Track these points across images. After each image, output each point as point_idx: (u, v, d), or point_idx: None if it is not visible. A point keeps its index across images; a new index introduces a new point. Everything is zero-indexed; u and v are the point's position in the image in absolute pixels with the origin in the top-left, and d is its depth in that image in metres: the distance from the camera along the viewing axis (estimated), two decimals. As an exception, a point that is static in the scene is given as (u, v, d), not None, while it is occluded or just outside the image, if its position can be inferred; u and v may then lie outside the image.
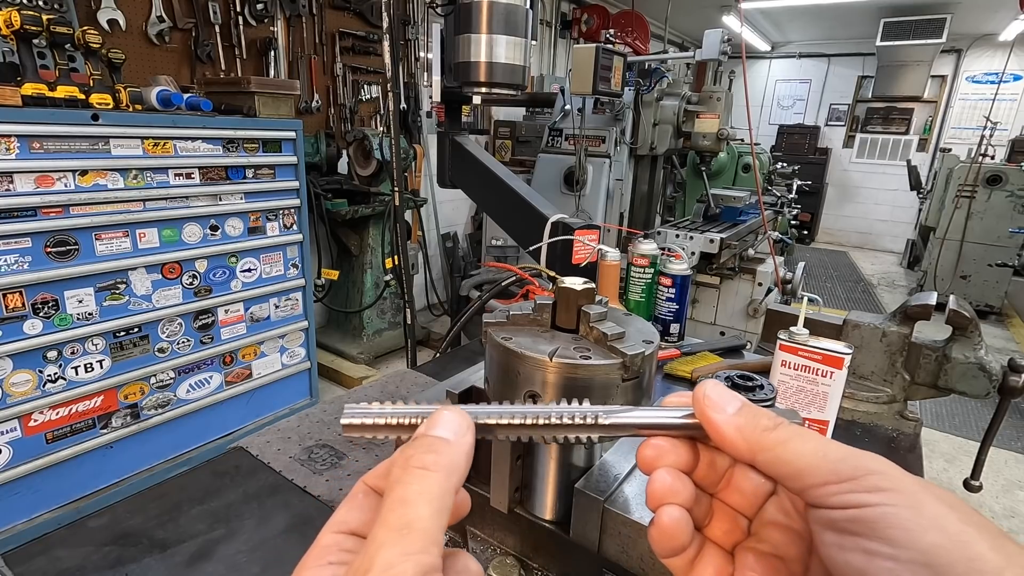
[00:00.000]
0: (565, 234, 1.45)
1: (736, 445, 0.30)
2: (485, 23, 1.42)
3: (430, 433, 0.29)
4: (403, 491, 0.26)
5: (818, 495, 0.27)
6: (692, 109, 3.32)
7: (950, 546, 0.23)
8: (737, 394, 0.31)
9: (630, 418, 0.32)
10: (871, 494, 0.25)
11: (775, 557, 0.31)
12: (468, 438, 0.29)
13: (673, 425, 0.32)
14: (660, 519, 0.31)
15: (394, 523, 0.24)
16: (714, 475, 0.33)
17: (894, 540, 0.24)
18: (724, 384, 0.32)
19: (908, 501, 0.24)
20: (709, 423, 0.30)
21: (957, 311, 0.99)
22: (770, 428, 0.29)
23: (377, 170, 3.49)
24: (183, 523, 0.77)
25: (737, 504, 0.33)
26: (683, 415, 0.32)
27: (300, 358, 2.85)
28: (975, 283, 5.64)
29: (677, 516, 0.31)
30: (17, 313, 1.88)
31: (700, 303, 2.99)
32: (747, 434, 0.29)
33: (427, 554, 0.23)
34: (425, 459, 0.27)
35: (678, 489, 0.31)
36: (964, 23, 7.08)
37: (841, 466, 0.26)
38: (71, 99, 1.94)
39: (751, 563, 0.31)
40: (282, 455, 0.93)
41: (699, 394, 0.31)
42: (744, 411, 0.30)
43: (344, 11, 3.86)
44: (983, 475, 1.03)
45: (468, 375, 0.80)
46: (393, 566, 0.23)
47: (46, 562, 0.70)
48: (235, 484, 0.86)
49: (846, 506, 0.25)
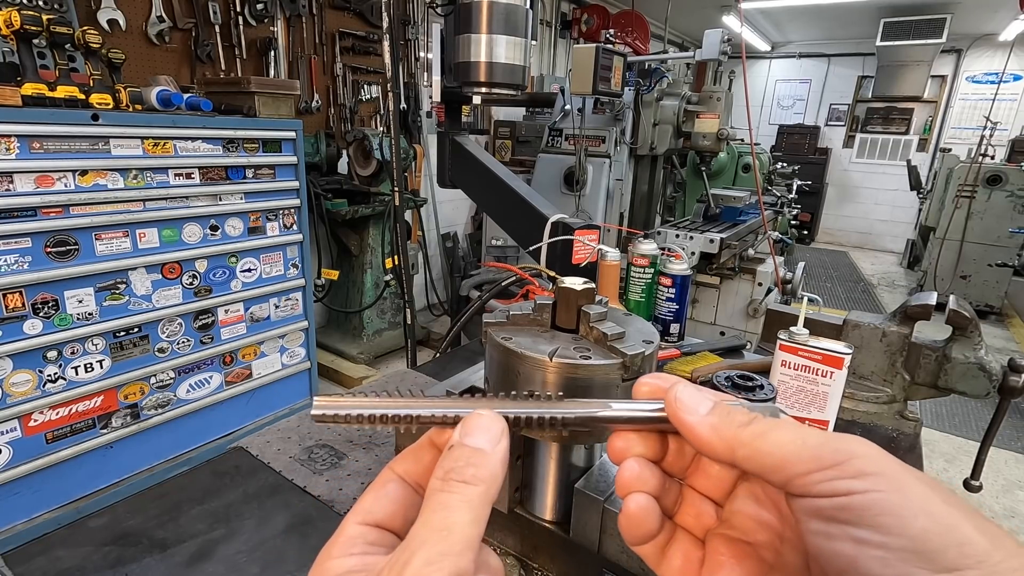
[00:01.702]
0: (565, 234, 1.45)
1: (713, 445, 0.29)
2: (485, 23, 1.42)
3: (466, 443, 0.29)
4: (446, 498, 0.27)
5: (802, 484, 0.26)
6: (692, 109, 3.32)
7: (939, 531, 0.23)
8: (709, 393, 0.31)
9: (595, 412, 0.33)
10: (857, 480, 0.25)
11: (745, 543, 0.31)
12: (504, 444, 0.29)
13: (643, 419, 0.32)
14: (628, 507, 0.32)
15: (436, 524, 0.25)
16: (682, 461, 0.33)
17: (884, 527, 0.23)
18: (697, 385, 0.32)
19: (894, 486, 0.24)
20: (683, 425, 0.30)
21: (957, 311, 0.99)
22: (745, 423, 0.29)
23: (377, 170, 3.49)
24: (183, 523, 0.77)
25: (706, 488, 0.33)
26: (653, 408, 0.32)
27: (300, 358, 2.85)
28: (975, 283, 5.64)
29: (644, 504, 0.32)
30: (17, 313, 1.88)
31: (700, 303, 2.99)
32: (723, 432, 0.29)
33: (463, 557, 0.24)
34: (465, 473, 0.28)
35: (646, 478, 0.32)
36: (964, 23, 7.08)
37: (822, 451, 0.26)
38: (71, 99, 1.94)
39: (721, 548, 0.31)
40: (282, 455, 0.93)
41: (670, 398, 0.31)
42: (717, 410, 0.30)
43: (344, 11, 3.86)
44: (983, 475, 1.03)
45: (468, 375, 0.80)
46: (431, 563, 0.24)
47: (46, 562, 0.70)
48: (235, 484, 0.86)
49: (833, 494, 0.25)
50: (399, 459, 0.32)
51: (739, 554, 0.31)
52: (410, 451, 0.32)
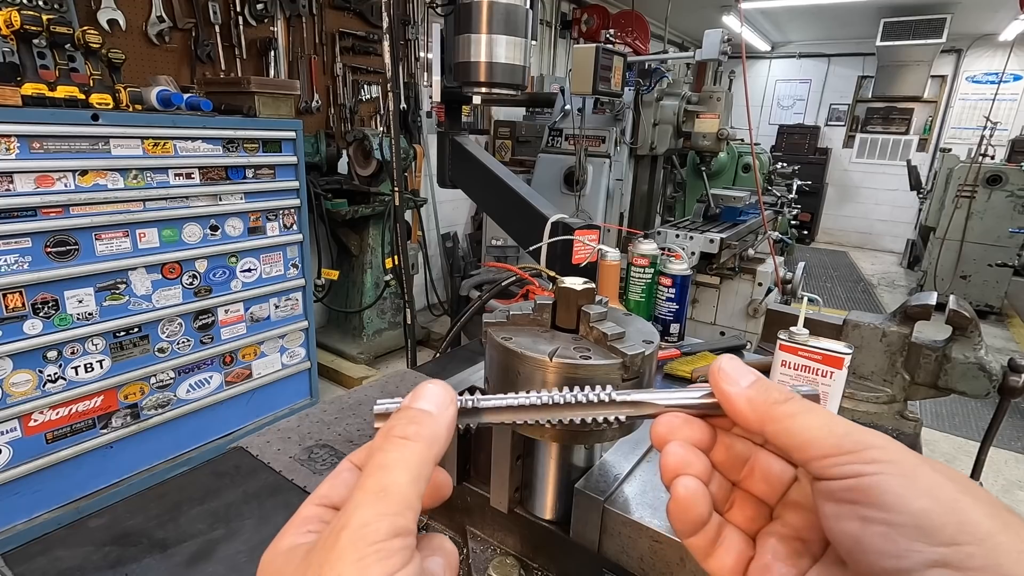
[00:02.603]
0: (565, 234, 1.45)
1: (746, 416, 0.30)
2: (485, 23, 1.42)
3: (413, 405, 0.29)
4: (383, 458, 0.26)
5: (820, 467, 0.27)
6: (692, 109, 3.32)
7: (941, 510, 0.24)
8: (753, 370, 0.32)
9: (643, 396, 0.33)
10: (869, 465, 0.26)
11: (797, 539, 0.31)
12: (451, 411, 0.30)
13: (685, 404, 0.33)
14: (676, 490, 0.30)
15: (372, 487, 0.25)
16: (733, 460, 0.33)
17: (887, 505, 0.24)
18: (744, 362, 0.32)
19: (902, 471, 0.25)
20: (722, 394, 0.31)
21: (957, 311, 0.99)
22: (780, 401, 0.30)
23: (377, 170, 3.49)
24: (183, 523, 0.77)
25: (759, 492, 0.33)
26: (697, 395, 0.33)
27: (300, 358, 2.85)
28: (975, 283, 5.64)
29: (693, 487, 0.30)
30: (17, 313, 1.88)
31: (700, 303, 2.99)
32: (757, 406, 0.30)
33: (402, 516, 0.24)
34: (407, 430, 0.28)
35: (691, 460, 0.31)
36: (964, 23, 7.08)
37: (844, 440, 0.27)
38: (71, 99, 1.94)
39: (773, 546, 0.31)
40: (282, 455, 0.93)
41: (715, 367, 0.32)
42: (757, 384, 0.31)
43: (344, 11, 3.86)
44: (983, 475, 1.03)
45: (468, 375, 0.80)
46: (368, 524, 0.24)
47: (46, 562, 0.70)
48: (235, 484, 0.86)
49: (844, 476, 0.26)
50: (356, 451, 0.32)
51: (791, 551, 0.31)
52: (368, 444, 0.33)
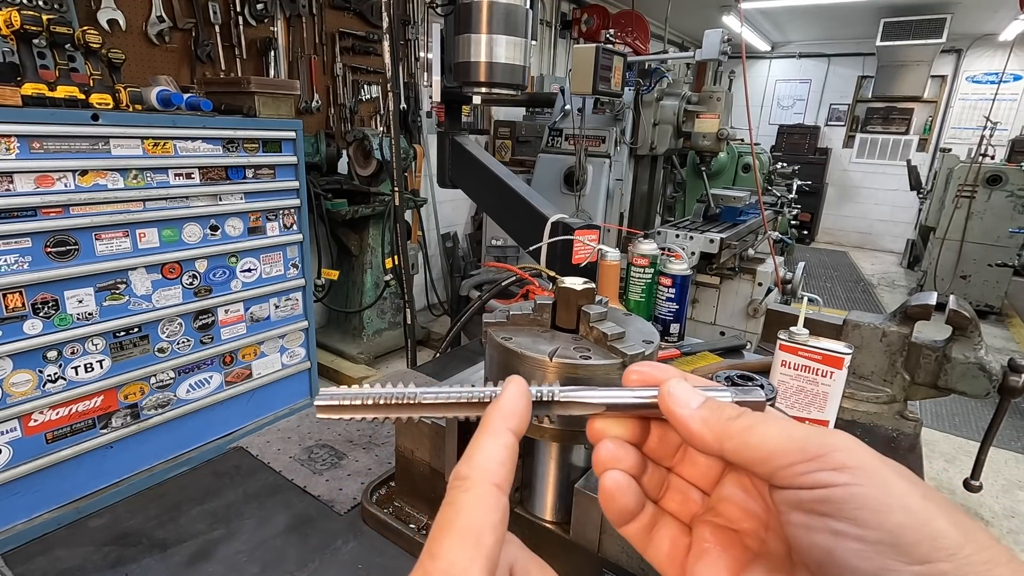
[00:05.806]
0: (565, 234, 1.45)
1: (703, 436, 0.30)
2: (485, 23, 1.42)
3: None
4: None
5: (786, 475, 0.27)
6: (692, 109, 3.32)
7: (915, 525, 0.23)
8: (702, 391, 0.32)
9: (583, 397, 0.33)
10: (838, 472, 0.25)
11: (731, 530, 0.32)
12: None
13: (631, 406, 0.33)
14: (603, 483, 0.32)
15: None
16: (666, 448, 0.34)
17: (862, 520, 0.24)
18: (689, 380, 0.33)
19: (874, 480, 0.25)
20: (674, 418, 0.31)
21: (957, 311, 0.99)
22: (734, 417, 0.30)
23: (377, 170, 3.49)
24: (183, 523, 0.77)
25: (693, 477, 0.34)
26: (640, 396, 0.33)
27: (300, 358, 2.85)
28: (975, 283, 5.64)
29: (619, 480, 0.32)
30: (17, 313, 1.88)
31: (700, 303, 2.99)
32: (712, 425, 0.30)
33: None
34: None
35: (621, 456, 0.33)
36: (964, 23, 7.08)
37: (807, 444, 0.27)
38: (71, 99, 1.93)
39: (707, 535, 0.32)
40: (282, 455, 0.93)
41: (664, 391, 0.32)
42: (708, 404, 0.31)
43: (344, 11, 3.86)
44: (983, 475, 1.03)
45: (468, 375, 0.80)
46: None
47: (46, 562, 0.70)
48: (235, 484, 0.86)
49: (814, 485, 0.26)
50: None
51: (725, 541, 0.32)
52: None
